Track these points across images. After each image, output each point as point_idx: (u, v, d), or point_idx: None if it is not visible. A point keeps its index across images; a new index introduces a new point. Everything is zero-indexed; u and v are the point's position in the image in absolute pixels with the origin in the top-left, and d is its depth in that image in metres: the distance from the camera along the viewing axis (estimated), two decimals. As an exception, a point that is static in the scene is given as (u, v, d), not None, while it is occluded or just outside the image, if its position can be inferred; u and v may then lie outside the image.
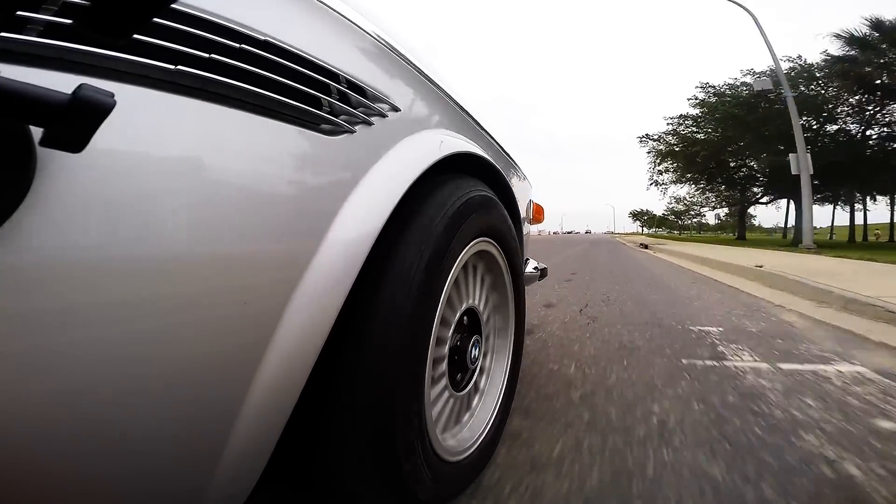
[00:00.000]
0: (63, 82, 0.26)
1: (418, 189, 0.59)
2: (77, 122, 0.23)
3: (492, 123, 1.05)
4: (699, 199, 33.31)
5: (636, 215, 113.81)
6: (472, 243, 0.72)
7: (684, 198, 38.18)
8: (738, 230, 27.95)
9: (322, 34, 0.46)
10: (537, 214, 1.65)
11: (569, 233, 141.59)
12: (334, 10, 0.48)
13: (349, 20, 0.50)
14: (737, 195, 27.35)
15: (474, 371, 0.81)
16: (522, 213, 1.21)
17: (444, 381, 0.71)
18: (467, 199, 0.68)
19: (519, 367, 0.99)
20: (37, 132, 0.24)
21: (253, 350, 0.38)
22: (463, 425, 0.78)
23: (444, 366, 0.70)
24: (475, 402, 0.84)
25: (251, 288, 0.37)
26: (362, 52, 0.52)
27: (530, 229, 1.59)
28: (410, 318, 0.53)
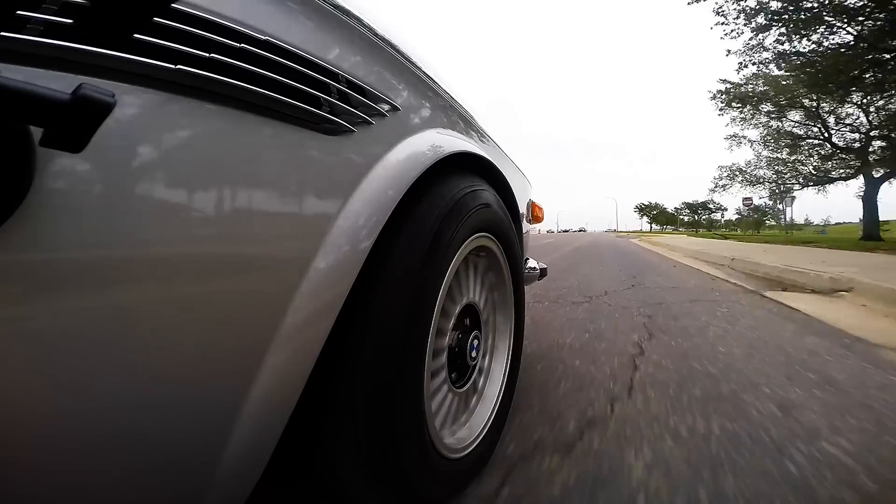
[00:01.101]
0: (63, 82, 0.26)
1: (418, 188, 0.59)
2: (77, 121, 0.23)
3: (491, 123, 1.05)
4: (782, 171, 17.75)
5: (643, 210, 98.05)
6: (470, 238, 0.72)
7: (742, 170, 19.72)
8: (865, 225, 14.15)
9: (322, 34, 0.46)
10: (536, 213, 1.65)
11: (565, 231, 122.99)
12: (334, 10, 0.48)
13: (349, 20, 0.50)
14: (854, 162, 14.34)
15: (474, 367, 0.81)
16: (522, 212, 1.21)
17: (443, 379, 0.71)
18: (466, 195, 0.68)
19: (519, 363, 0.99)
20: (37, 132, 0.23)
21: (254, 349, 0.38)
22: (463, 422, 0.79)
23: (443, 362, 0.70)
24: (475, 398, 0.84)
25: (251, 287, 0.37)
26: (362, 52, 0.52)
27: (530, 228, 1.59)
28: (410, 317, 0.53)
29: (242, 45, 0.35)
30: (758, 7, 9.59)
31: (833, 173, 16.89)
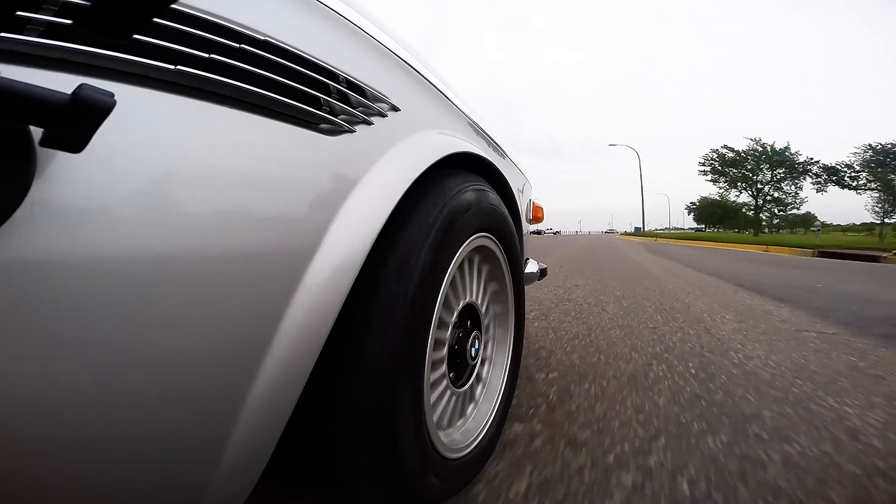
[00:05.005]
0: (63, 82, 0.26)
1: (418, 188, 0.59)
2: (77, 122, 0.23)
3: (491, 123, 1.05)
4: None
5: (721, 166, 34.95)
6: (470, 238, 0.72)
7: None
8: None
9: (322, 34, 0.46)
10: (537, 213, 1.65)
11: (556, 232, 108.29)
12: (334, 10, 0.48)
13: (349, 20, 0.50)
14: None
15: (474, 367, 0.81)
16: (522, 213, 1.21)
17: (444, 378, 0.71)
18: (466, 192, 0.68)
19: (519, 363, 0.99)
20: (37, 132, 0.24)
21: (254, 349, 0.38)
22: (462, 422, 0.79)
23: (443, 363, 0.70)
24: (475, 397, 0.84)
25: (251, 287, 0.37)
26: (362, 52, 0.52)
27: (530, 229, 1.59)
28: (410, 315, 0.53)
29: (242, 45, 0.35)
30: None
31: None
